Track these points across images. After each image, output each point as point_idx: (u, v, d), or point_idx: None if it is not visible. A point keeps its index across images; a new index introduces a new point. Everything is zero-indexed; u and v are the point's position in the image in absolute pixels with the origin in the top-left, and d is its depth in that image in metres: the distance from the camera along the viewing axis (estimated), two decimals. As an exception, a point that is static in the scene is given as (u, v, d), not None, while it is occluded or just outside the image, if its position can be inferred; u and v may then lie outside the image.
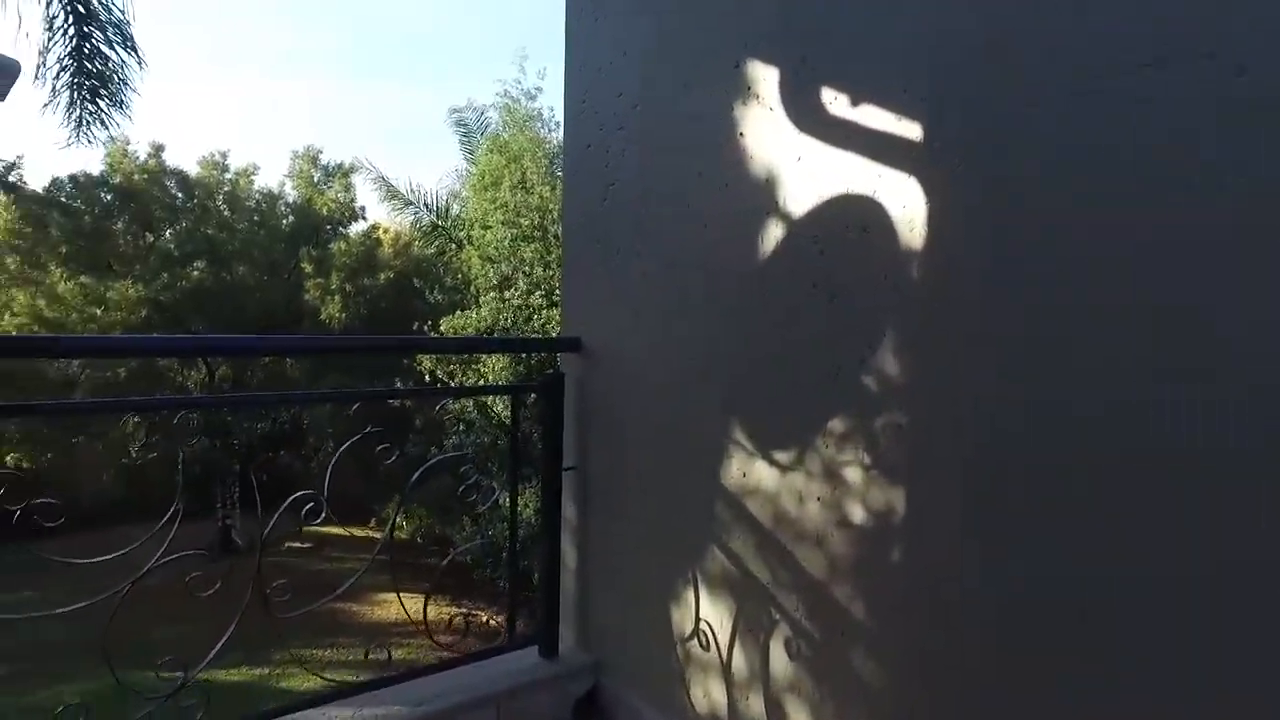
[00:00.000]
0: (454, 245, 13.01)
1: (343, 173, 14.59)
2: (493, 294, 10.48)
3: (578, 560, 2.83)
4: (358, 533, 17.26)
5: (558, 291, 10.06)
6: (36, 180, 12.59)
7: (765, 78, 2.04)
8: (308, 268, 12.40)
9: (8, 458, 12.55)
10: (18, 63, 3.00)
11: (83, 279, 11.61)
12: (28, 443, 12.58)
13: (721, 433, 2.19)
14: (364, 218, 14.53)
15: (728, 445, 2.17)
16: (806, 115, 1.96)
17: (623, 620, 2.65)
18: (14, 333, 11.74)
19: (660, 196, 2.37)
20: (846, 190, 1.85)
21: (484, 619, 11.79)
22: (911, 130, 1.72)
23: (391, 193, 16.09)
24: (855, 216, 1.84)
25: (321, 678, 2.45)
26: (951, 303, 1.66)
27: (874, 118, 1.80)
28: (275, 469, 15.25)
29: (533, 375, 10.08)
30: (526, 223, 10.50)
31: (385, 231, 14.61)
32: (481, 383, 10.01)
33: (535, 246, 10.30)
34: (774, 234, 2.03)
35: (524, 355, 9.74)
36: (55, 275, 11.58)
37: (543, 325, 9.84)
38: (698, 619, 2.30)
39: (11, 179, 12.18)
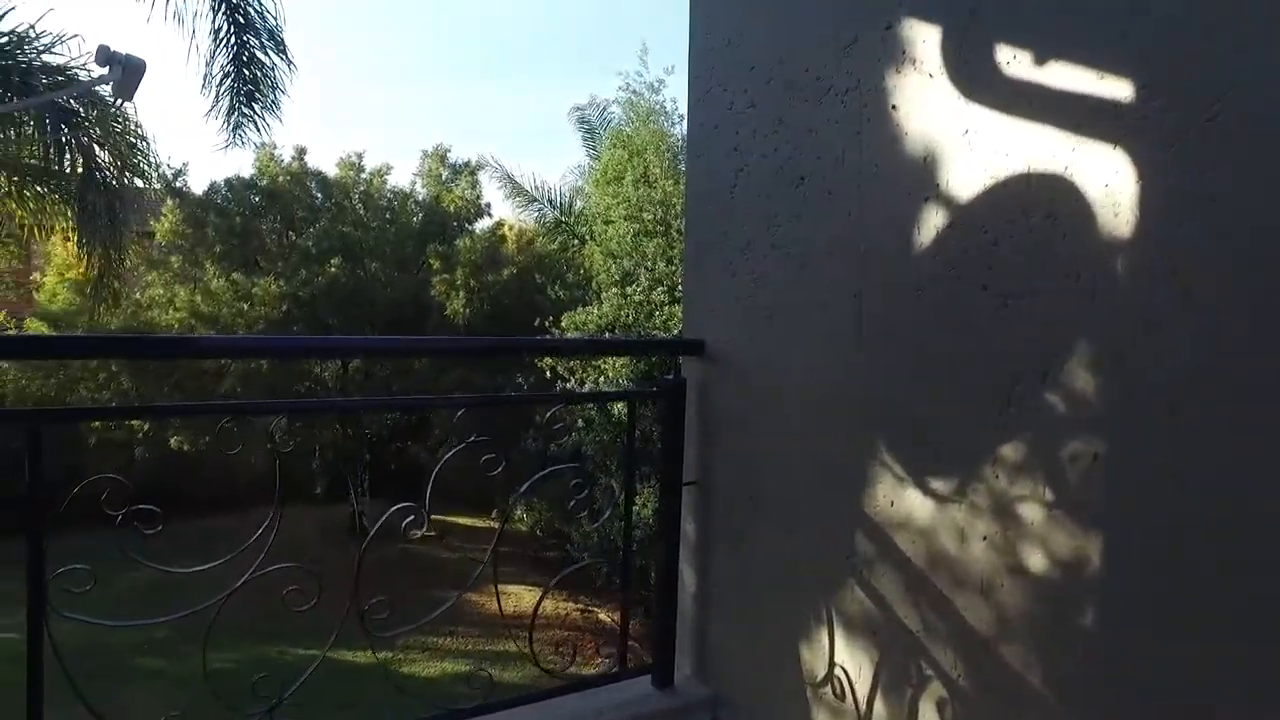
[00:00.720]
0: (576, 241, 13.05)
1: (469, 170, 14.90)
2: (614, 290, 10.40)
3: (696, 583, 2.59)
4: (479, 524, 17.71)
5: (680, 288, 9.87)
6: (198, 185, 13.44)
7: (924, 38, 1.73)
8: (435, 264, 12.72)
9: (171, 440, 13.50)
10: (144, 60, 3.05)
11: (234, 276, 12.32)
12: (188, 428, 13.46)
13: (866, 453, 1.90)
14: (489, 214, 14.81)
15: (873, 468, 1.88)
16: (976, 80, 1.64)
17: (746, 653, 2.39)
18: (176, 325, 12.61)
19: (798, 181, 2.09)
20: (1027, 168, 1.53)
21: (600, 616, 11.70)
22: (1122, 90, 1.38)
23: (516, 189, 16.33)
24: (1038, 200, 1.51)
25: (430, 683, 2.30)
26: (1166, 310, 1.32)
27: (1068, 78, 1.47)
28: (403, 458, 15.81)
29: (654, 374, 9.93)
30: (649, 217, 10.35)
31: (510, 228, 14.83)
32: (602, 380, 9.94)
33: (658, 241, 10.13)
34: (934, 223, 1.72)
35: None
36: (210, 272, 12.35)
37: (664, 322, 9.66)
38: (831, 663, 2.02)
39: (178, 185, 13.05)
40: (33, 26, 6.63)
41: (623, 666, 2.61)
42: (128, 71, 3.05)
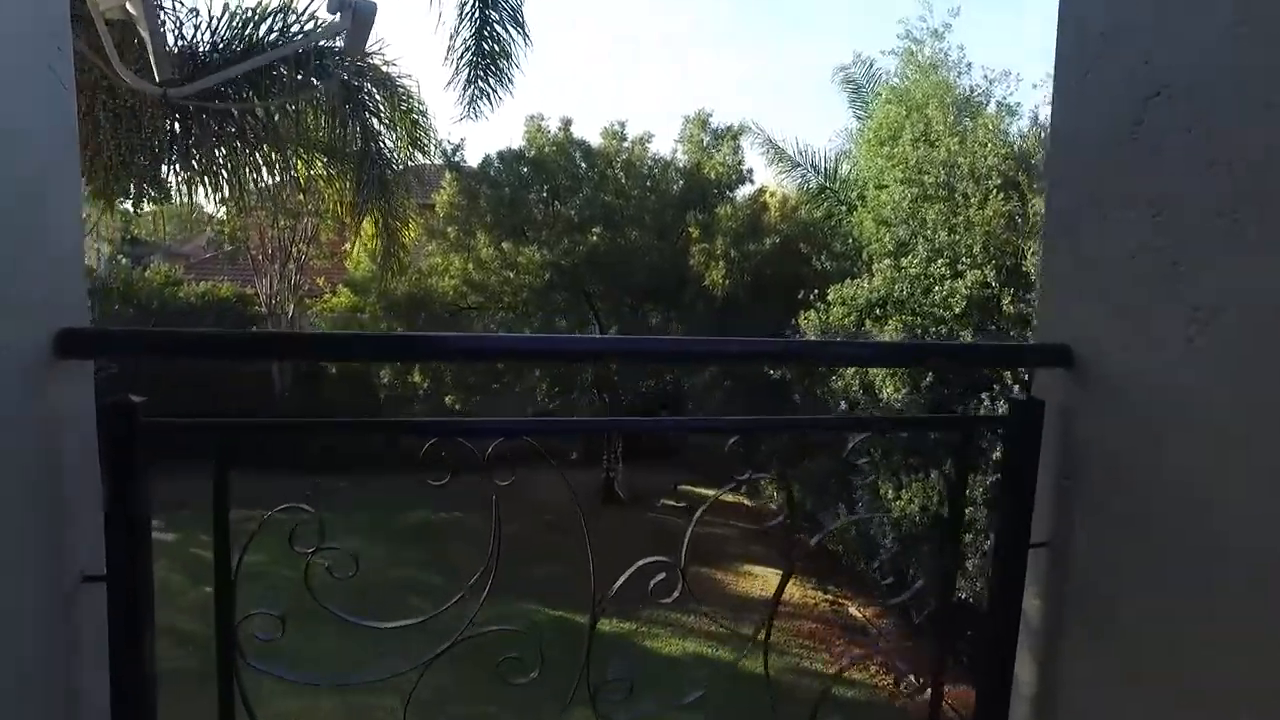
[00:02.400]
0: (843, 208, 12.10)
1: (731, 135, 14.36)
2: (887, 261, 9.40)
3: (1037, 682, 1.85)
4: (729, 497, 17.47)
5: (964, 260, 8.65)
6: (473, 158, 14.19)
7: None
8: (694, 232, 12.38)
9: (446, 398, 14.52)
10: (374, 5, 2.81)
11: (503, 245, 12.83)
12: (461, 388, 14.41)
13: None
14: (751, 181, 14.19)
15: None
16: None
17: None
18: (450, 293, 13.49)
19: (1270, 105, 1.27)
20: None
21: (851, 610, 10.83)
22: None
23: (778, 154, 15.58)
24: None
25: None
26: None
27: None
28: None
29: (935, 380, 8.85)
30: (930, 180, 9.19)
31: (771, 195, 14.11)
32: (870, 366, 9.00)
33: (939, 208, 8.97)
34: None
35: (925, 327, 8.57)
36: (481, 242, 12.95)
37: (944, 298, 8.53)
38: None
39: (456, 159, 13.81)
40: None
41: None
42: (358, 20, 2.84)
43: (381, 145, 7.81)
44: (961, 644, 10.53)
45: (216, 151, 6.54)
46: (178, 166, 6.38)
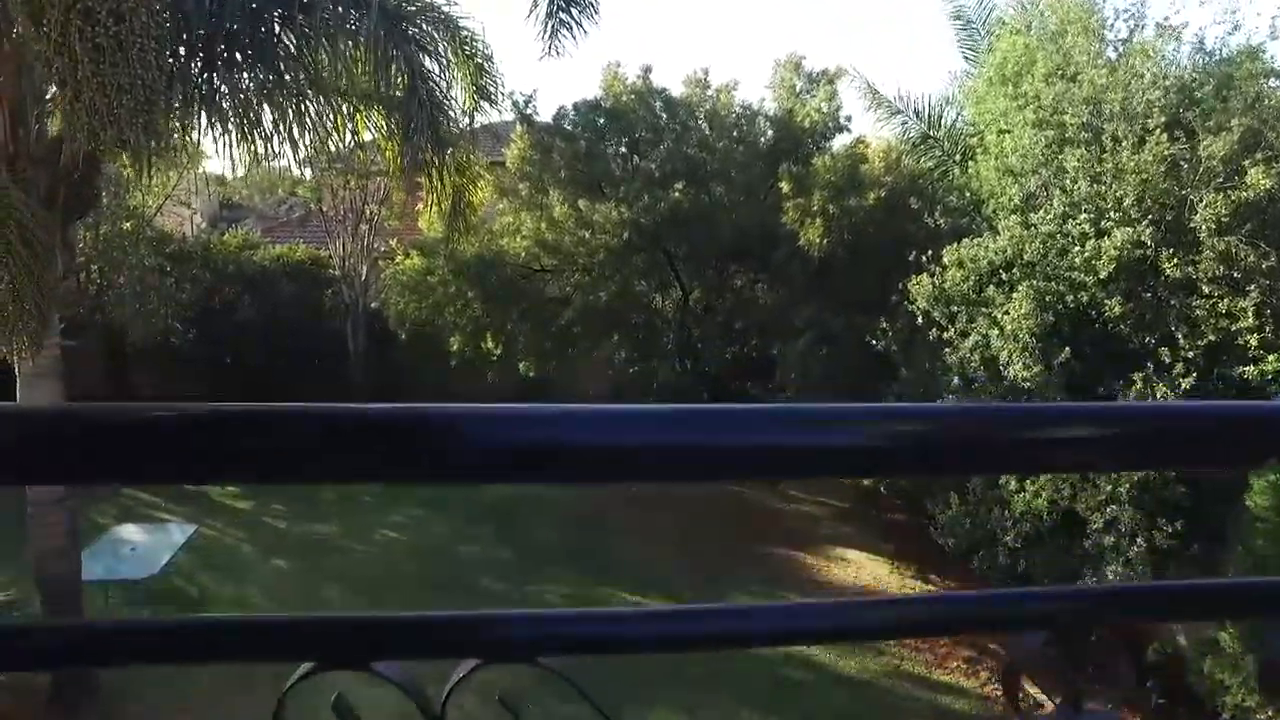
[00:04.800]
0: (956, 158, 10.74)
1: (827, 80, 13.03)
2: (1013, 217, 8.09)
3: None
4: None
5: (1111, 215, 7.29)
6: (546, 111, 13.28)
7: None
8: (785, 187, 11.20)
9: (520, 365, 13.90)
10: None
11: (579, 202, 11.94)
12: (535, 355, 13.74)
13: None
14: (848, 129, 12.87)
15: None
16: None
17: None
18: (522, 254, 12.67)
19: None
20: None
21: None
22: None
23: (876, 100, 14.18)
24: None
25: None
26: None
27: None
28: (742, 401, 14.87)
29: (1079, 318, 7.59)
30: (1070, 121, 7.81)
31: (870, 145, 12.74)
32: (995, 330, 7.76)
33: (1080, 154, 7.60)
34: None
35: (1061, 295, 7.29)
36: (554, 199, 12.10)
37: (1086, 261, 7.22)
38: None
39: (527, 111, 12.95)
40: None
41: None
42: None
43: (435, 87, 6.95)
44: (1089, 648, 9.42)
45: (253, 101, 5.88)
46: (204, 116, 5.75)
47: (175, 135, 5.91)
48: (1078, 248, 7.32)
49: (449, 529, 12.10)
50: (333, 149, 8.22)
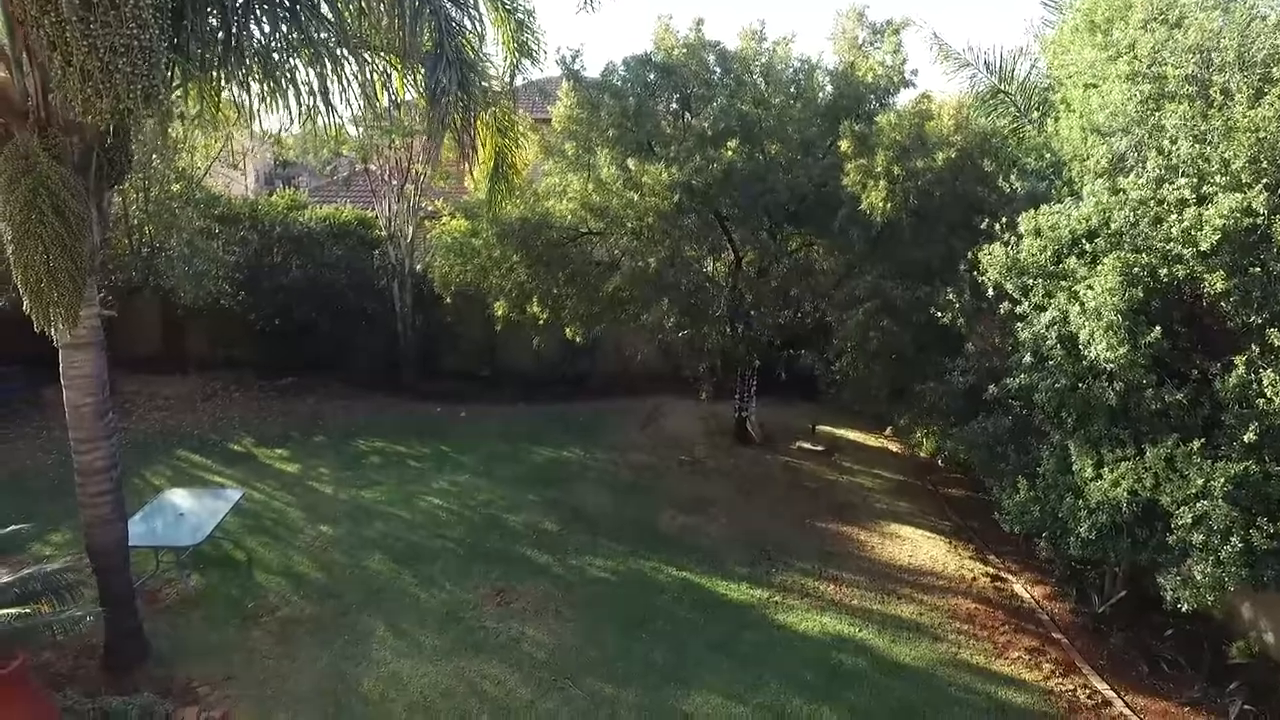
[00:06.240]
0: (1033, 115, 9.93)
1: (891, 30, 12.21)
2: (1100, 181, 7.39)
3: None
4: (870, 440, 15.87)
5: (1216, 178, 6.57)
6: (595, 67, 12.74)
7: None
8: (846, 146, 10.52)
9: (566, 330, 13.61)
10: None
11: (627, 162, 11.43)
12: (583, 319, 13.41)
13: None
14: (913, 84, 12.07)
15: None
16: None
17: None
18: (568, 217, 12.23)
19: None
20: None
21: (1015, 588, 9.17)
22: None
23: (944, 52, 13.33)
24: None
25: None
26: None
27: None
28: (794, 370, 14.38)
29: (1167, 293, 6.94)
30: (1173, 72, 7.04)
31: (937, 102, 11.91)
32: (1074, 306, 7.11)
33: (1183, 110, 6.84)
34: None
35: (1154, 268, 6.63)
36: (602, 159, 11.60)
37: (1185, 231, 6.53)
38: None
39: (574, 67, 12.45)
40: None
41: None
42: None
43: (467, 44, 6.51)
44: (1161, 644, 8.77)
45: (285, 58, 5.53)
46: (221, 72, 5.42)
47: (208, 99, 5.58)
48: (1174, 216, 6.61)
49: (495, 496, 11.95)
50: (373, 109, 7.90)
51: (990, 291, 8.07)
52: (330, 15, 5.77)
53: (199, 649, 7.85)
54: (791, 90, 12.42)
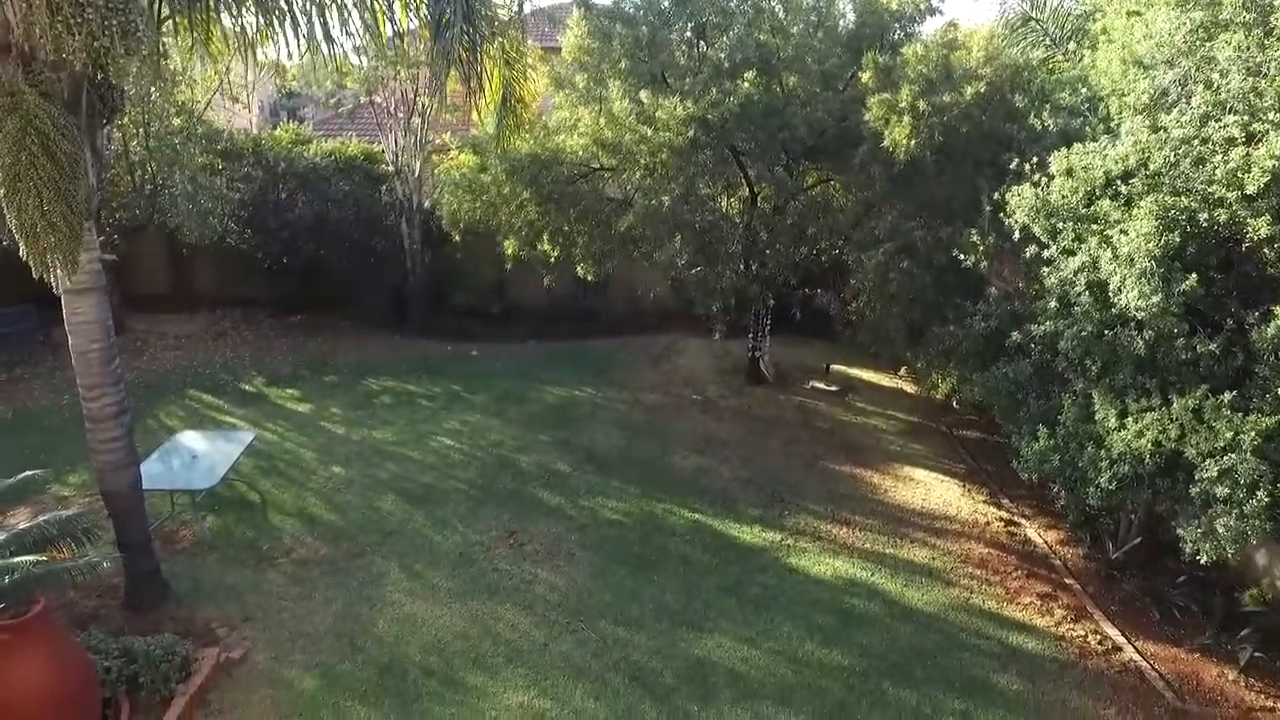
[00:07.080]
0: (1069, 45, 9.42)
1: (920, -48, 11.58)
2: (1139, 119, 7.01)
3: None
4: (884, 381, 15.70)
5: (1269, 116, 6.20)
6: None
7: None
8: (868, 78, 10.06)
9: (587, 276, 13.41)
10: None
11: (640, 96, 11.00)
12: (594, 257, 13.17)
13: None
14: (940, 12, 11.48)
15: None
16: None
17: None
18: (579, 152, 11.85)
19: None
20: None
21: (1027, 532, 9.07)
22: None
23: (974, -25, 12.65)
24: None
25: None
26: None
27: None
28: (809, 309, 14.14)
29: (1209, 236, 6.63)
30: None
31: (959, 29, 11.34)
32: (1106, 251, 6.80)
33: (1238, 40, 6.42)
34: None
35: (1194, 213, 6.32)
36: (614, 92, 11.16)
37: (1230, 173, 6.19)
38: None
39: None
40: None
41: None
42: None
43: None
44: (1173, 590, 8.69)
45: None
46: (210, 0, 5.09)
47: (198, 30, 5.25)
48: (1220, 156, 6.27)
49: (507, 436, 11.91)
50: (375, 40, 7.55)
51: (1016, 234, 7.77)
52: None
53: (216, 591, 7.91)
54: (812, 18, 11.86)
